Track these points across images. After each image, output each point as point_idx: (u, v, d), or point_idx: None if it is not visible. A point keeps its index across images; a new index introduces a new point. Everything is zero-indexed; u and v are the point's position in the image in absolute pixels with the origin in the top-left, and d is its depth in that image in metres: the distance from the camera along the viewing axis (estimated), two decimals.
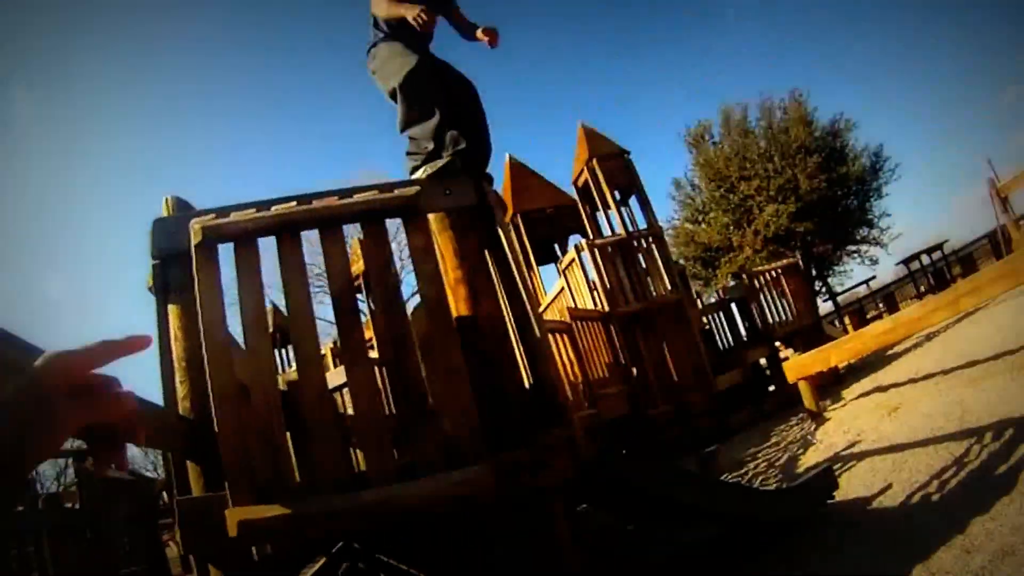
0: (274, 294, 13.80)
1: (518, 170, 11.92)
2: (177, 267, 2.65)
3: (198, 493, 2.40)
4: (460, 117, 3.53)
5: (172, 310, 2.69)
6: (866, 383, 8.18)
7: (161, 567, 5.93)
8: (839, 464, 5.03)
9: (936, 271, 18.82)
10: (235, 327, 2.43)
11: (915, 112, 67.51)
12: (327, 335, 16.80)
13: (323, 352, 9.23)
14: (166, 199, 2.82)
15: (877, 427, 5.72)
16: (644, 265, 9.58)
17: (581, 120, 10.60)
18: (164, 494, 8.65)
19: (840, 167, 21.52)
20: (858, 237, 22.70)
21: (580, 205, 10.80)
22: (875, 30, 58.55)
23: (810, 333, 10.60)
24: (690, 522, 3.78)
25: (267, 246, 2.48)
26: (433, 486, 2.21)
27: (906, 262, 19.18)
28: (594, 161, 10.15)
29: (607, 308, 8.79)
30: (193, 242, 2.38)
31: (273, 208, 2.55)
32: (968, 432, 4.32)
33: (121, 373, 0.68)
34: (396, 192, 2.66)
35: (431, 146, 3.41)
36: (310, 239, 2.60)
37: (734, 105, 23.07)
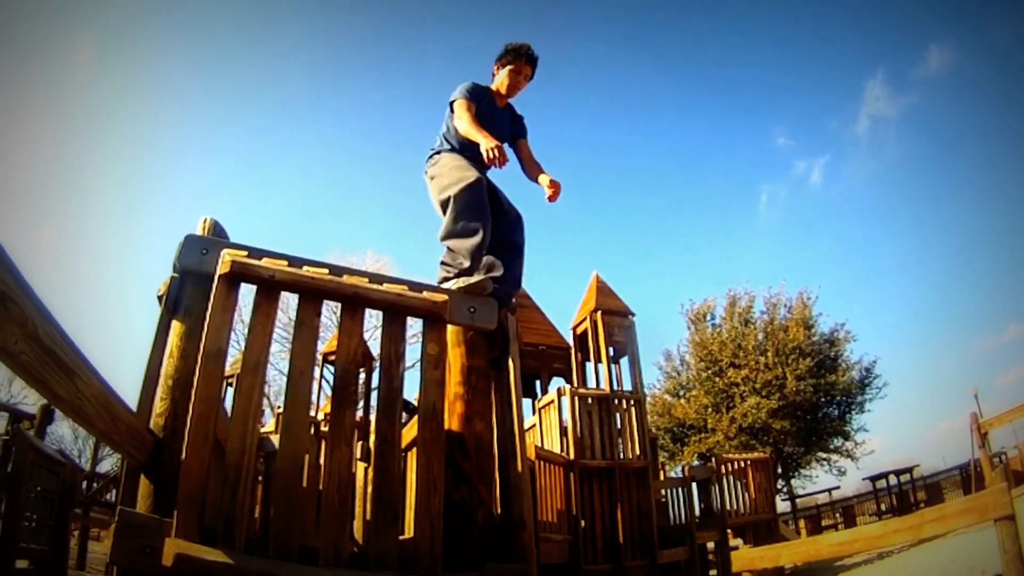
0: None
1: (522, 300, 12.12)
2: (194, 287, 2.72)
3: (143, 510, 2.37)
4: (502, 246, 3.63)
5: (175, 327, 2.71)
6: None
7: (61, 554, 5.65)
8: None
9: (901, 493, 18.97)
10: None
11: (917, 332, 69.57)
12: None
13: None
14: (204, 219, 2.86)
15: None
16: (619, 425, 9.65)
17: (597, 271, 10.91)
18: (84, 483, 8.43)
19: (830, 375, 21.83)
20: (831, 446, 22.76)
21: (573, 351, 10.93)
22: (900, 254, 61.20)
23: (764, 528, 10.65)
24: None
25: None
26: None
27: (873, 479, 19.34)
28: (599, 314, 10.38)
29: (572, 456, 8.86)
30: (219, 271, 2.43)
31: (305, 268, 2.59)
32: None
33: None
34: (425, 294, 2.73)
35: (467, 263, 3.37)
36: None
37: (742, 292, 23.76)
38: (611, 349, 10.41)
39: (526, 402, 13.05)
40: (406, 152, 51.76)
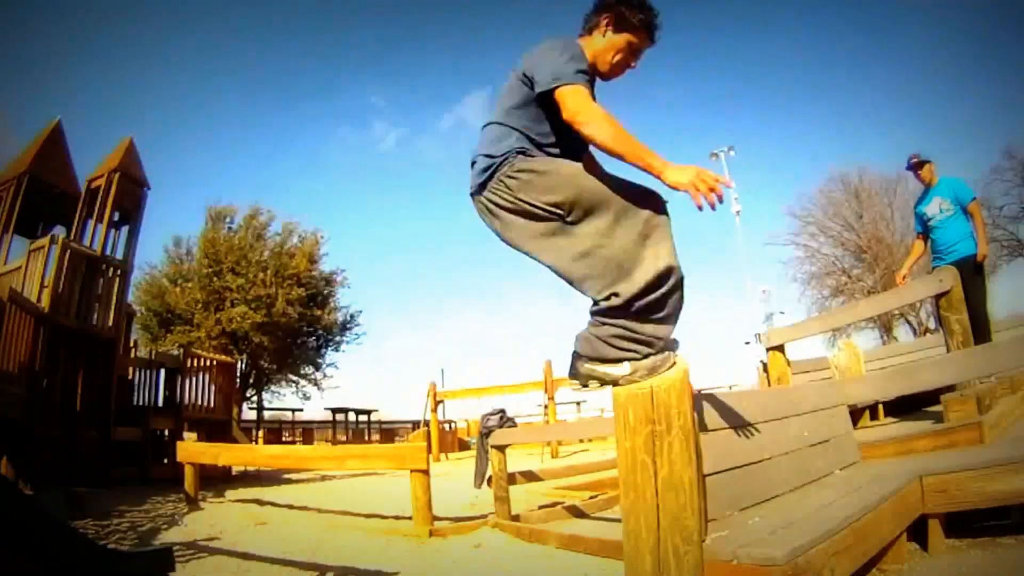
0: None
1: (55, 135, 10.54)
2: None
3: None
4: None
5: None
6: (252, 492, 8.49)
7: None
8: (192, 552, 5.05)
9: (358, 429, 20.86)
10: None
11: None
12: None
13: None
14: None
15: (240, 532, 5.94)
16: (100, 292, 9.35)
17: (135, 134, 10.05)
18: None
19: (318, 310, 23.13)
20: (302, 371, 24.13)
21: (81, 203, 10.07)
22: None
23: (219, 428, 10.96)
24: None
25: None
26: None
27: (334, 410, 20.87)
28: (117, 175, 9.83)
29: (47, 311, 8.23)
30: None
31: None
32: (316, 566, 4.68)
33: None
34: None
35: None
36: None
37: (265, 209, 23.91)
38: (117, 214, 9.97)
39: (22, 240, 11.61)
40: None
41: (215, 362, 11.80)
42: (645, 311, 2.12)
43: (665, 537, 2.11)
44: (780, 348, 6.78)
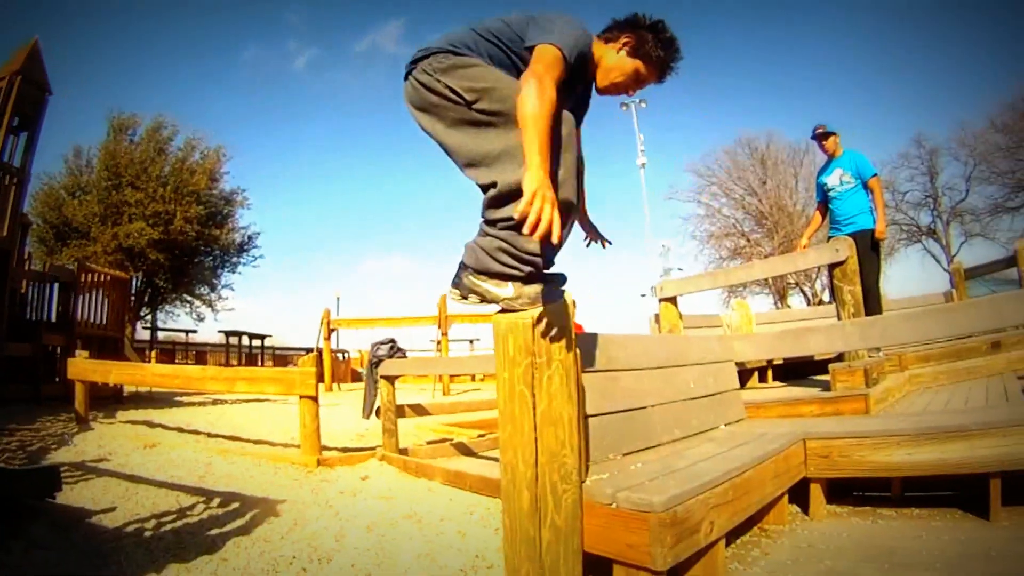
0: None
1: None
2: None
3: None
4: None
5: None
6: (143, 414, 8.51)
7: None
8: (80, 472, 5.11)
9: (251, 354, 20.69)
10: None
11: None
12: None
13: None
14: None
15: (129, 454, 6.00)
16: None
17: (39, 36, 9.51)
18: None
19: (216, 229, 22.73)
20: (197, 292, 23.80)
21: None
22: None
23: (112, 345, 10.80)
24: None
25: None
26: None
27: (228, 333, 20.63)
28: (19, 79, 9.26)
29: None
30: None
31: None
32: (203, 491, 4.74)
33: None
34: None
35: None
36: None
37: (170, 123, 22.99)
38: (16, 119, 9.43)
39: None
40: None
41: (109, 277, 11.47)
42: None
43: (543, 473, 2.15)
44: (672, 300, 6.83)
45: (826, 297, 29.35)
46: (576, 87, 2.51)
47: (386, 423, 6.31)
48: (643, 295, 34.82)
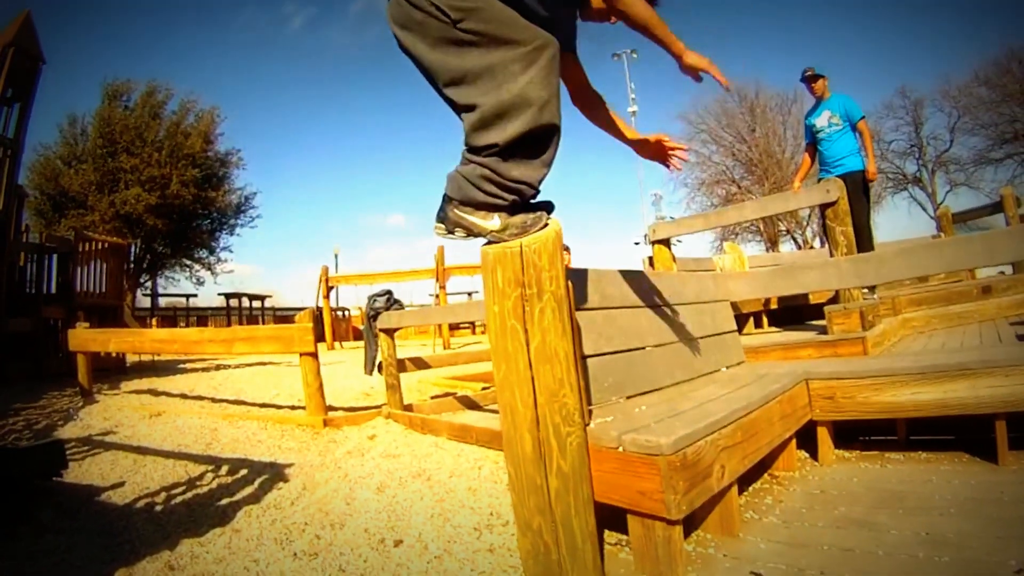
0: None
1: None
2: None
3: None
4: None
5: None
6: (147, 383, 8.50)
7: None
8: (87, 447, 5.10)
9: (252, 316, 20.66)
10: None
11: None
12: None
13: None
14: None
15: (136, 424, 5.98)
16: None
17: (31, 9, 9.27)
18: None
19: (212, 192, 22.56)
20: (196, 256, 23.68)
21: None
22: None
23: (111, 314, 10.75)
24: None
25: None
26: None
27: (228, 296, 20.57)
28: (12, 50, 9.11)
29: None
30: None
31: None
32: (211, 459, 4.74)
33: None
34: None
35: None
36: None
37: (163, 86, 22.72)
38: (9, 90, 9.31)
39: None
40: None
41: (107, 245, 11.36)
42: (514, 152, 2.04)
43: (544, 415, 2.05)
44: (665, 242, 6.84)
45: (817, 244, 29.49)
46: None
47: (388, 379, 6.29)
48: (636, 243, 34.83)
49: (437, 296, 15.65)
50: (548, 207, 2.25)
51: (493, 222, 2.15)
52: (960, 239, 3.28)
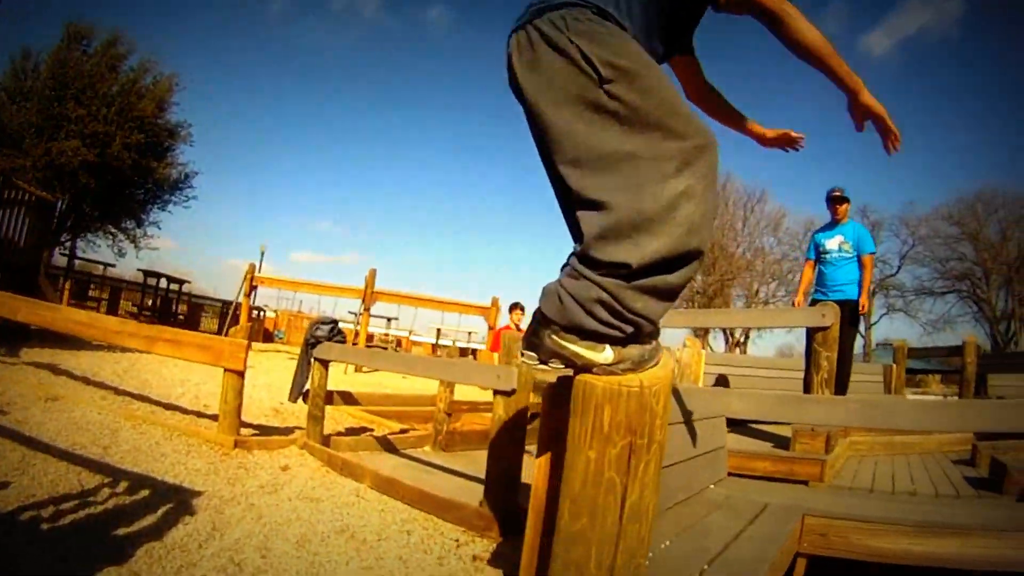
0: None
1: None
2: None
3: None
4: None
5: None
6: (49, 354, 8.25)
7: None
8: None
9: (167, 299, 19.83)
10: None
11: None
12: None
13: None
14: None
15: (29, 407, 5.62)
16: None
17: None
18: None
19: (155, 162, 21.50)
20: (123, 224, 22.49)
21: None
22: None
23: (26, 273, 10.23)
24: None
25: None
26: None
27: (147, 273, 19.61)
28: None
29: None
30: None
31: None
32: (109, 469, 4.29)
33: None
34: None
35: None
36: None
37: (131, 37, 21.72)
38: None
39: None
40: None
41: (34, 198, 10.64)
42: (644, 278, 1.60)
43: None
44: None
45: (751, 347, 30.08)
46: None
47: (313, 409, 6.04)
48: None
49: (359, 316, 15.36)
50: (655, 333, 1.81)
51: (605, 354, 1.72)
52: (973, 403, 3.38)
